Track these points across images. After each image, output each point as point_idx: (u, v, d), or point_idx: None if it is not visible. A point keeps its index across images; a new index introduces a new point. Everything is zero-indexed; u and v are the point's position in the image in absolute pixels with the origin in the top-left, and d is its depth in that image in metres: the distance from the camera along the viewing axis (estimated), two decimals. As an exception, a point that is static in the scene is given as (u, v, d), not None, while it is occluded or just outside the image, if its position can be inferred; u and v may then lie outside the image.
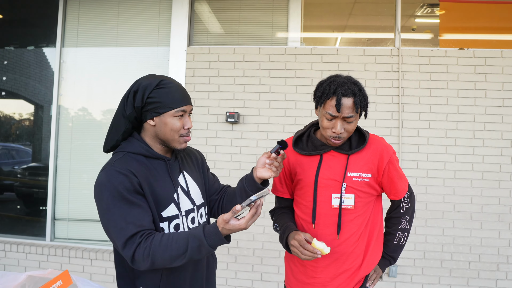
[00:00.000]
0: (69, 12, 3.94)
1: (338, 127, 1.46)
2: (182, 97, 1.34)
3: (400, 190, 1.63)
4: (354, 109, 1.45)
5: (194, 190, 1.46)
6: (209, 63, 3.63)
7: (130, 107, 1.32)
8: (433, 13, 3.70)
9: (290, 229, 1.56)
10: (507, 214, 3.30)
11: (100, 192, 1.25)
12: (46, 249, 3.69)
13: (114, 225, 1.23)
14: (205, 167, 1.60)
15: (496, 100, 3.36)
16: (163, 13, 3.80)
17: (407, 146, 3.40)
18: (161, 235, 1.22)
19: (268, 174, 1.41)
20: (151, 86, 1.31)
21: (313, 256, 1.43)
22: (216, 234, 1.19)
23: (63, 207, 3.89)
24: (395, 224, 1.70)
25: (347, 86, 1.45)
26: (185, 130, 1.36)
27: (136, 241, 1.20)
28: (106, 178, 1.25)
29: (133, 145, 1.35)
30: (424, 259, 3.36)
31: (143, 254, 1.20)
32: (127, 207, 1.23)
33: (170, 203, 1.35)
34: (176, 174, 1.41)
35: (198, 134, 3.59)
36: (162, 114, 1.32)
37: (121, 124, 1.36)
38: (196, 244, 1.19)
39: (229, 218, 1.17)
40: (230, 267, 3.51)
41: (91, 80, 3.92)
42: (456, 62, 3.41)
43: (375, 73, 3.47)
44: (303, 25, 3.73)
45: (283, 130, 3.51)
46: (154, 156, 1.35)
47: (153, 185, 1.31)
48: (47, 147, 3.95)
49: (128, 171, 1.26)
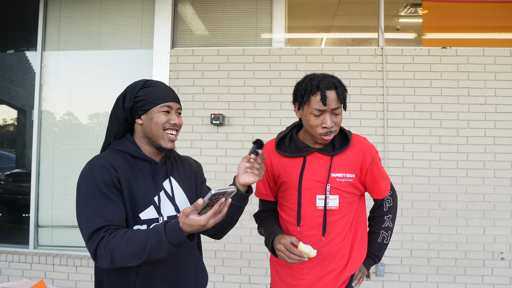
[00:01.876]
0: (50, 15, 3.88)
1: (328, 121, 1.47)
2: (167, 93, 1.38)
3: (383, 189, 1.63)
4: (338, 100, 1.48)
5: (180, 197, 1.42)
6: (193, 65, 3.60)
7: (120, 109, 1.39)
8: (416, 13, 3.73)
9: (275, 233, 1.54)
10: (491, 211, 3.33)
11: (80, 183, 1.26)
12: (30, 257, 3.61)
13: (85, 217, 1.22)
14: (200, 179, 1.56)
15: (479, 98, 3.39)
16: (146, 15, 3.76)
17: (392, 145, 3.42)
18: (124, 231, 1.20)
19: (251, 178, 1.37)
20: (138, 86, 1.38)
21: (300, 259, 1.42)
22: (177, 230, 1.14)
23: (46, 213, 3.81)
24: (378, 223, 1.70)
25: (327, 80, 1.49)
26: (170, 124, 1.36)
27: (100, 235, 1.19)
28: (88, 170, 1.27)
29: (123, 144, 1.38)
30: (411, 257, 3.37)
31: (104, 249, 1.17)
32: (101, 201, 1.23)
33: (149, 205, 1.32)
34: (161, 177, 1.39)
35: (183, 137, 3.55)
36: (148, 111, 1.35)
37: (113, 126, 1.41)
38: (156, 240, 1.15)
39: (190, 211, 1.13)
40: (218, 271, 3.48)
41: (74, 84, 3.86)
42: (439, 61, 3.44)
43: (360, 73, 3.48)
44: (287, 26, 3.73)
45: (269, 131, 3.50)
46: (140, 157, 1.37)
47: (132, 185, 1.30)
48: (30, 152, 3.87)
49: (110, 164, 1.28)
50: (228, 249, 3.48)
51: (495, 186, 3.34)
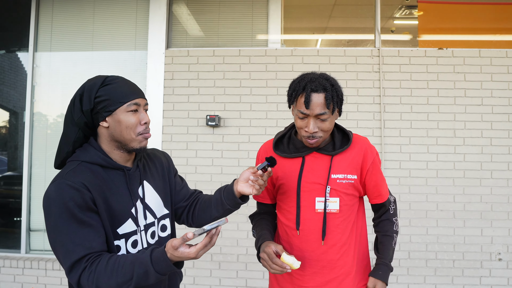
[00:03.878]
0: (42, 15, 3.81)
1: (310, 125, 1.39)
2: (132, 90, 1.24)
3: (383, 193, 1.57)
4: (325, 105, 1.38)
5: (155, 201, 1.34)
6: (188, 66, 3.56)
7: (77, 112, 1.22)
8: (412, 14, 3.73)
9: (263, 239, 1.49)
10: (489, 212, 3.32)
11: (48, 207, 1.13)
12: (21, 261, 3.52)
13: (61, 245, 1.12)
14: (172, 172, 1.48)
15: (475, 99, 3.39)
16: (140, 16, 3.72)
17: (389, 146, 3.40)
18: (107, 259, 1.12)
19: (249, 190, 1.33)
20: (96, 85, 1.21)
21: (283, 270, 1.36)
22: (164, 260, 1.09)
23: (38, 217, 3.73)
24: (389, 226, 1.60)
25: (318, 82, 1.39)
26: (143, 125, 1.24)
27: (82, 266, 1.11)
28: (55, 192, 1.13)
29: (89, 153, 1.22)
30: (409, 259, 3.35)
31: (87, 280, 1.10)
32: (75, 226, 1.11)
33: (127, 218, 1.23)
34: (135, 185, 1.29)
35: (178, 139, 3.51)
36: (114, 112, 1.20)
37: (71, 132, 1.25)
38: (143, 271, 1.09)
39: (178, 245, 1.07)
40: (214, 274, 3.43)
41: (67, 86, 3.80)
42: (435, 62, 3.44)
43: (356, 74, 3.46)
44: (283, 27, 3.70)
45: (265, 133, 3.46)
46: (111, 166, 1.23)
47: (108, 200, 1.19)
48: (22, 155, 3.80)
49: (81, 184, 1.14)
50: (224, 252, 3.43)
51: (492, 187, 3.33)
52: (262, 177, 1.34)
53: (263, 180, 1.34)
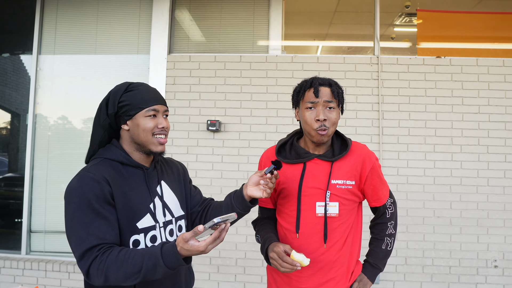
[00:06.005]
0: (46, 18, 3.86)
1: (320, 113, 1.49)
2: (152, 96, 1.34)
3: (382, 197, 1.63)
4: (332, 96, 1.52)
5: (172, 201, 1.42)
6: (190, 71, 3.60)
7: (103, 114, 1.33)
8: (411, 22, 3.78)
9: (270, 241, 1.54)
10: (485, 219, 3.36)
11: (70, 197, 1.21)
12: (22, 263, 3.56)
13: (76, 234, 1.18)
14: (187, 179, 1.57)
15: (473, 107, 3.43)
16: (143, 21, 3.77)
17: (387, 153, 3.44)
18: (118, 250, 1.17)
19: (260, 194, 1.40)
20: (121, 90, 1.33)
21: (293, 268, 1.41)
22: (174, 254, 1.13)
23: (39, 218, 3.77)
24: (382, 229, 1.68)
25: (323, 78, 1.56)
26: (159, 128, 1.32)
27: (93, 254, 1.16)
28: (78, 184, 1.22)
29: (111, 151, 1.33)
30: (405, 265, 3.38)
31: (97, 269, 1.15)
32: (92, 217, 1.18)
33: (146, 213, 1.31)
34: (153, 183, 1.37)
35: (179, 143, 3.55)
36: (134, 116, 1.31)
37: (97, 133, 1.36)
38: (152, 263, 1.14)
39: (189, 237, 1.11)
40: (213, 278, 3.46)
41: (69, 88, 3.84)
42: (433, 70, 3.48)
43: (355, 81, 3.51)
44: (284, 34, 3.75)
45: (265, 138, 3.50)
46: (131, 164, 1.33)
47: (127, 194, 1.27)
48: (23, 157, 3.83)
49: (103, 178, 1.22)
50: (223, 256, 3.46)
51: (488, 194, 3.37)
52: (271, 180, 1.41)
53: (272, 183, 1.41)
